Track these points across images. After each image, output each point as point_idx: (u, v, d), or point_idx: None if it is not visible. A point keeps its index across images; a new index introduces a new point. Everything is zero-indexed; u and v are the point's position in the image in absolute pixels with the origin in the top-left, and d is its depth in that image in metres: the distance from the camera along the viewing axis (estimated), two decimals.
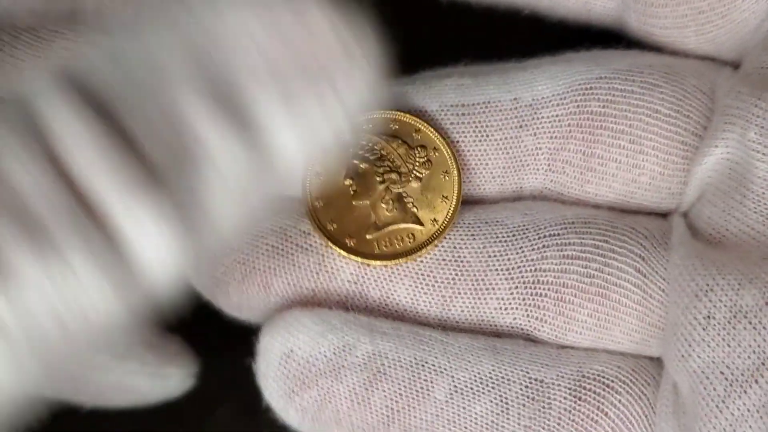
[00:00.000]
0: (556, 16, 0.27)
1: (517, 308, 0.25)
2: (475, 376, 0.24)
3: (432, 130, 0.26)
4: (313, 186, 0.26)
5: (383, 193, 0.26)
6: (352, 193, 0.26)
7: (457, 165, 0.26)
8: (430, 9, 0.28)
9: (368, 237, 0.25)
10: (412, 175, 0.26)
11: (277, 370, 0.24)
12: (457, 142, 0.26)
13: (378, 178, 0.26)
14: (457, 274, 0.25)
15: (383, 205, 0.26)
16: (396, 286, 0.25)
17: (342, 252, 0.25)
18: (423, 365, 0.24)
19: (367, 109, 0.25)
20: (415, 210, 0.26)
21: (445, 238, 0.25)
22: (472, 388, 0.24)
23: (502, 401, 0.24)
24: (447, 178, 0.26)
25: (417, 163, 0.26)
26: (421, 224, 0.25)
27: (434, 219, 0.25)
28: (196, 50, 0.17)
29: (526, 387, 0.24)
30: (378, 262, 0.25)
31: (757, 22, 0.25)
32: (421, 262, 0.25)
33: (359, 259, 0.25)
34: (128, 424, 0.29)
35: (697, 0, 0.25)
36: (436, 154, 0.26)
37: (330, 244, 0.25)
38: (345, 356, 0.24)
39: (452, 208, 0.25)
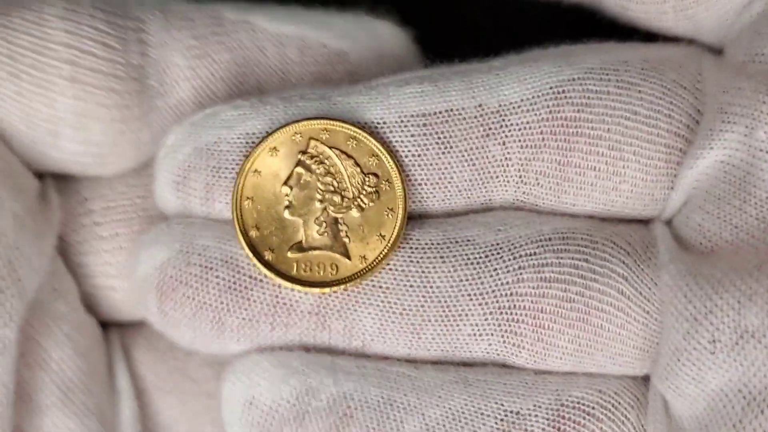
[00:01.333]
0: None
1: (492, 335, 0.23)
2: (446, 411, 0.23)
3: (390, 160, 0.24)
4: (247, 182, 0.24)
5: (319, 213, 0.24)
6: (286, 203, 0.24)
7: (404, 207, 0.23)
8: None
9: (289, 255, 0.23)
10: (355, 203, 0.24)
11: (241, 419, 0.23)
12: (420, 155, 0.24)
13: (318, 196, 0.24)
14: (426, 301, 0.23)
15: (315, 226, 0.24)
16: (360, 316, 0.23)
17: (257, 263, 0.23)
18: (391, 404, 0.23)
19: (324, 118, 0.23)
20: (346, 240, 0.24)
21: (388, 269, 0.23)
22: (444, 425, 0.23)
23: None
24: (390, 216, 0.24)
25: (364, 192, 0.24)
26: (349, 258, 0.23)
27: (364, 256, 0.23)
28: None
29: (502, 420, 0.23)
30: (288, 284, 0.23)
31: (742, 1, 0.23)
32: (388, 288, 0.23)
33: (271, 276, 0.23)
34: None
35: None
36: (387, 187, 0.24)
37: (246, 250, 0.23)
38: (309, 401, 0.23)
39: (385, 250, 0.23)
